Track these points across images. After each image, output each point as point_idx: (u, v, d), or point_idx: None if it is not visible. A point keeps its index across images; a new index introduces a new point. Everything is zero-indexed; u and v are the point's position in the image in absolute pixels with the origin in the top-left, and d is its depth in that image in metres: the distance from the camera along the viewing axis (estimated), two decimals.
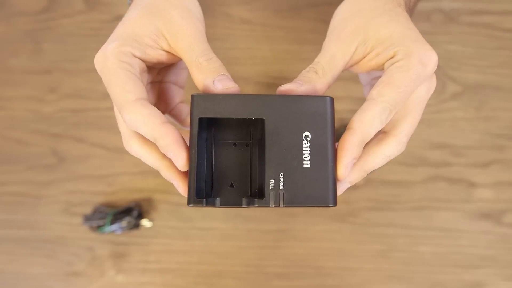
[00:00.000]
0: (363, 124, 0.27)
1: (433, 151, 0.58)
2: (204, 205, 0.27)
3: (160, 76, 0.34)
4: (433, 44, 0.58)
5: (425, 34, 0.58)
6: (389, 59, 0.28)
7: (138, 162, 0.58)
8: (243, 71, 0.59)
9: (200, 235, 0.58)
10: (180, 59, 0.31)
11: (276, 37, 0.59)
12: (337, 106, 0.61)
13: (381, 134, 0.30)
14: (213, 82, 0.27)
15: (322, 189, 0.27)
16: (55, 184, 0.59)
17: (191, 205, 0.26)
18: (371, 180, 0.58)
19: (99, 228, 0.56)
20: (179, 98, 0.36)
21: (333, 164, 0.27)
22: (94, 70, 0.62)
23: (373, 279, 0.58)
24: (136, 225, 0.57)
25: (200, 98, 0.27)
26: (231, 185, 0.29)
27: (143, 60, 0.29)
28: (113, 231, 0.56)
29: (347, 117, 0.58)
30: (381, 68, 0.30)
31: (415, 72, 0.27)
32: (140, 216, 0.57)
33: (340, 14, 0.32)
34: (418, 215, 0.58)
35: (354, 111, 0.55)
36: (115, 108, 0.30)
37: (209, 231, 0.58)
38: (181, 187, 0.28)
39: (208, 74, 0.28)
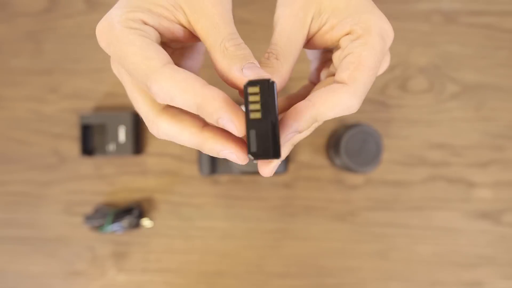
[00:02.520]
0: (326, 104, 0.24)
1: (433, 151, 0.58)
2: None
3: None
4: (432, 44, 0.58)
5: (424, 34, 0.58)
6: (345, 34, 0.26)
7: (139, 161, 0.58)
8: None
9: (200, 234, 0.59)
10: (199, 41, 0.26)
11: None
12: None
13: (335, 84, 0.25)
14: (242, 69, 0.23)
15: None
16: (56, 183, 0.59)
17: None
18: (370, 180, 0.58)
19: (100, 227, 0.56)
20: None
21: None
22: (96, 70, 0.62)
23: (373, 278, 0.58)
24: (137, 225, 0.57)
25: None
26: None
27: (157, 31, 0.24)
28: (114, 231, 0.56)
29: (346, 117, 0.58)
30: (335, 45, 0.27)
31: (379, 48, 0.25)
32: (141, 215, 0.57)
33: None
34: (417, 214, 0.58)
35: None
36: (129, 90, 0.26)
37: (209, 231, 0.59)
38: (240, 153, 0.23)
39: (236, 61, 0.23)
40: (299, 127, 0.24)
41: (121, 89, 0.59)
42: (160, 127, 0.24)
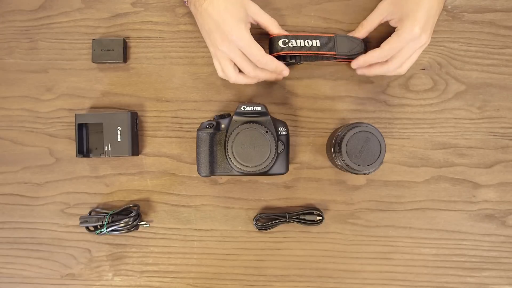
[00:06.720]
0: (369, 55, 0.52)
1: (436, 151, 0.57)
2: None
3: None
4: (436, 42, 0.57)
5: None
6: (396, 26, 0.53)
7: (136, 162, 0.57)
8: None
9: (199, 237, 0.58)
10: None
11: None
12: (339, 105, 0.60)
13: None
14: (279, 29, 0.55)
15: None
16: (52, 184, 0.58)
17: None
18: (372, 180, 0.57)
19: (96, 229, 0.55)
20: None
21: None
22: (91, 69, 0.61)
23: (375, 282, 0.57)
24: (134, 227, 0.56)
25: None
26: None
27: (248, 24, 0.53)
28: (110, 233, 0.55)
29: (348, 117, 0.57)
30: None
31: (405, 37, 0.50)
32: (138, 217, 0.56)
33: None
34: (420, 216, 0.57)
35: (354, 111, 0.54)
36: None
37: (208, 233, 0.58)
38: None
39: (278, 30, 0.54)
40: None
41: (118, 88, 0.58)
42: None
